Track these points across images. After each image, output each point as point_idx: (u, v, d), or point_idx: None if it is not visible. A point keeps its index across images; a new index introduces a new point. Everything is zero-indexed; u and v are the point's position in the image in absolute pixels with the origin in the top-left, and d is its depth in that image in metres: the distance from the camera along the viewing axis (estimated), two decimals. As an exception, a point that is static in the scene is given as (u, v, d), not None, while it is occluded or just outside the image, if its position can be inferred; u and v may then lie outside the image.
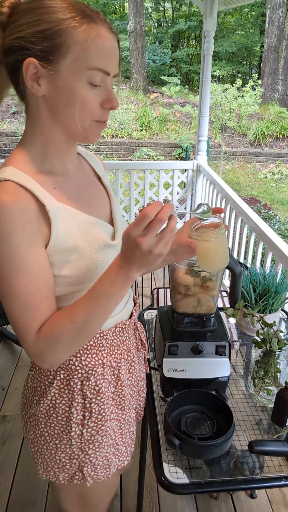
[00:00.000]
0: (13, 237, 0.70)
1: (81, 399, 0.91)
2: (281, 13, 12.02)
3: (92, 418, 0.92)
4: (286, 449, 0.93)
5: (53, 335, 0.75)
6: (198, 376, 1.09)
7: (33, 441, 0.97)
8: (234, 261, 1.06)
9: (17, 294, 0.73)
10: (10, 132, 9.21)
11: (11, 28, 0.73)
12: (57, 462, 0.95)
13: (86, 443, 0.93)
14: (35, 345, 0.76)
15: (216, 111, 8.89)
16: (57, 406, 0.91)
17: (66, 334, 0.75)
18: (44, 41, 0.71)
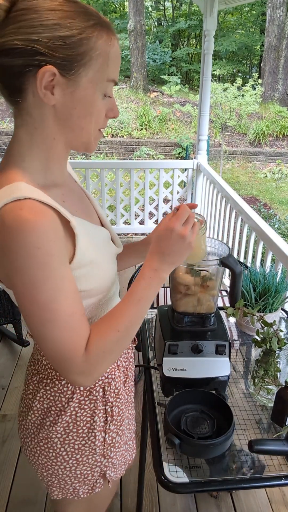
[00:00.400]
0: (52, 259, 0.66)
1: (103, 406, 0.90)
2: (282, 12, 12.00)
3: (114, 421, 0.93)
4: (286, 449, 0.93)
5: (101, 348, 0.72)
6: (198, 375, 1.09)
7: (45, 465, 0.92)
8: (234, 260, 1.06)
9: (59, 318, 0.68)
10: (10, 132, 9.20)
11: (16, 26, 0.64)
12: (78, 477, 0.93)
13: (108, 447, 0.93)
14: (84, 364, 0.71)
15: (216, 110, 8.88)
16: (78, 420, 0.88)
17: (116, 344, 0.74)
18: (66, 49, 0.66)
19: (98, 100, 0.72)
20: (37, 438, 0.90)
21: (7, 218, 0.63)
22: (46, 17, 0.64)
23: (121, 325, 0.74)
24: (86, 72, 0.69)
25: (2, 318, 2.54)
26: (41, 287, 0.65)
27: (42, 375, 0.89)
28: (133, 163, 4.63)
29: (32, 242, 0.63)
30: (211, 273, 1.10)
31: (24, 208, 0.64)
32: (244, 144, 10.23)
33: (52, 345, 0.69)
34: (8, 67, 0.67)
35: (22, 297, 0.67)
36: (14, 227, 0.62)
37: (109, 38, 0.70)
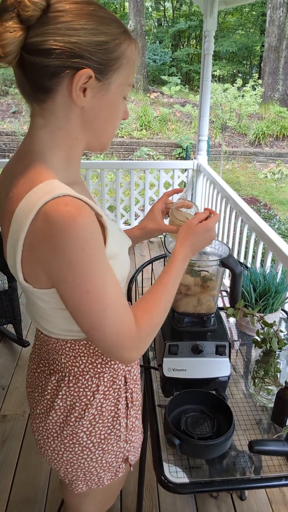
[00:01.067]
0: (98, 250, 0.69)
1: (124, 393, 0.93)
2: (282, 12, 12.01)
3: (133, 407, 0.96)
4: (286, 449, 0.94)
5: (150, 323, 0.80)
6: (198, 375, 1.09)
7: (70, 461, 0.92)
8: (234, 260, 1.06)
9: (112, 303, 0.72)
10: (10, 132, 9.21)
11: (56, 27, 0.65)
12: (103, 465, 0.94)
13: (130, 432, 0.96)
14: (136, 340, 0.77)
15: (216, 111, 8.89)
16: (103, 411, 0.90)
17: (158, 318, 0.82)
18: (102, 54, 0.69)
19: (122, 104, 0.78)
20: (60, 436, 0.90)
21: (54, 215, 0.65)
22: (86, 21, 0.66)
23: (163, 301, 0.83)
24: (117, 77, 0.73)
25: (2, 318, 2.54)
26: (92, 278, 0.69)
27: (62, 373, 0.89)
28: (133, 164, 4.63)
29: (83, 236, 0.66)
30: (211, 274, 1.10)
31: (69, 204, 0.66)
32: (244, 145, 10.23)
33: (107, 330, 0.73)
34: (43, 67, 0.67)
35: (73, 290, 0.69)
36: (63, 223, 0.64)
37: (134, 45, 0.75)
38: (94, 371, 0.88)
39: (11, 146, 9.21)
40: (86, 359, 0.87)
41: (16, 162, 0.77)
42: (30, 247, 0.68)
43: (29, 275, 0.73)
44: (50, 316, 0.81)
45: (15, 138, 9.16)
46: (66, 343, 0.86)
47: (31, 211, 0.66)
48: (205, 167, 3.89)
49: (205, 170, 3.86)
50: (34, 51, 0.65)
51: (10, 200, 0.71)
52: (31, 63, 0.67)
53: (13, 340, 2.73)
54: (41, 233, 0.66)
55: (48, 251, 0.67)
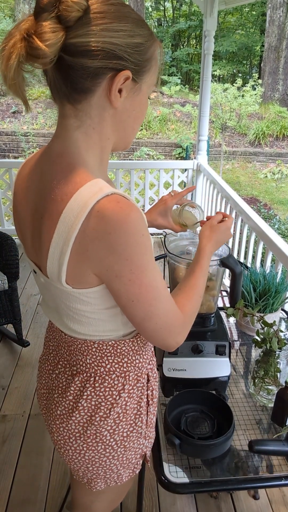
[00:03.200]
0: (150, 243, 0.73)
1: (146, 391, 0.94)
2: (282, 12, 12.01)
3: (153, 403, 0.97)
4: (286, 449, 0.94)
5: (191, 309, 0.86)
6: (198, 375, 1.09)
7: (92, 459, 0.92)
8: (234, 260, 1.06)
9: (161, 293, 0.77)
10: (10, 132, 9.21)
11: (98, 28, 0.64)
12: (123, 463, 0.94)
13: (149, 428, 0.96)
14: (183, 325, 0.83)
15: (216, 111, 8.89)
16: (127, 409, 0.91)
17: (197, 305, 0.88)
18: (139, 55, 0.71)
19: (147, 103, 0.80)
20: (83, 436, 0.90)
21: (108, 212, 0.66)
22: (125, 23, 0.67)
23: (199, 290, 0.90)
24: (148, 78, 0.75)
25: (2, 318, 2.54)
26: (146, 270, 0.73)
27: (87, 374, 0.89)
28: (133, 164, 4.63)
29: (137, 231, 0.69)
30: (211, 274, 1.10)
31: (121, 201, 0.68)
32: (244, 145, 10.23)
33: (160, 319, 0.78)
34: (83, 68, 0.66)
35: (129, 284, 0.72)
36: (118, 219, 0.67)
37: (159, 46, 0.76)
38: (120, 370, 0.89)
39: (11, 146, 9.21)
40: (112, 359, 0.88)
41: (49, 164, 0.75)
42: (81, 246, 0.69)
43: (73, 276, 0.73)
44: (83, 317, 0.81)
45: (15, 138, 9.16)
46: (94, 343, 0.86)
47: (83, 210, 0.66)
48: (205, 167, 3.89)
49: (205, 170, 3.86)
50: (75, 52, 0.64)
51: (54, 201, 0.70)
52: (70, 64, 0.66)
53: (13, 340, 2.73)
54: (95, 231, 0.67)
55: (103, 248, 0.68)
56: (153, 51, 0.74)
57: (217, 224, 1.01)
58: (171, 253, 1.12)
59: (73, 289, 0.75)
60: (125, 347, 0.88)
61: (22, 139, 9.07)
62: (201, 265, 0.94)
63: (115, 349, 0.87)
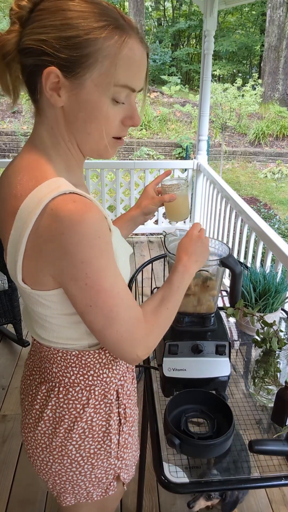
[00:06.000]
0: (108, 246, 0.69)
1: (117, 408, 0.91)
2: (282, 12, 12.01)
3: (127, 423, 0.93)
4: (286, 449, 0.93)
5: (156, 322, 0.81)
6: (198, 375, 1.09)
7: (59, 472, 0.90)
8: (234, 260, 1.06)
9: (122, 300, 0.72)
10: (10, 132, 9.21)
11: (32, 26, 0.65)
12: (92, 480, 0.92)
13: (122, 449, 0.93)
14: (146, 337, 0.78)
15: (216, 111, 8.89)
16: (93, 425, 0.87)
17: (164, 319, 0.83)
18: (70, 50, 0.64)
19: (106, 106, 0.69)
20: (49, 448, 0.88)
21: (62, 211, 0.63)
22: (56, 18, 0.64)
23: (169, 304, 0.83)
24: (90, 75, 0.66)
25: (2, 318, 2.54)
26: (105, 275, 0.68)
27: (53, 383, 0.87)
28: (133, 163, 4.63)
29: (93, 232, 0.65)
30: (211, 273, 1.10)
31: (77, 201, 0.65)
32: (244, 144, 10.23)
33: (120, 328, 0.73)
34: (24, 66, 0.69)
35: (85, 289, 0.68)
36: (72, 220, 0.63)
37: (121, 39, 0.66)
38: (85, 383, 0.85)
39: (11, 146, 9.21)
40: (77, 370, 0.84)
41: (20, 158, 0.75)
42: (35, 245, 0.67)
43: (30, 276, 0.71)
44: (46, 322, 0.79)
45: (15, 138, 9.16)
46: (58, 352, 0.83)
47: (36, 208, 0.64)
48: (205, 167, 3.89)
49: (205, 170, 3.86)
50: (19, 51, 0.68)
51: (14, 197, 0.69)
52: (19, 63, 0.69)
53: (13, 340, 2.73)
54: (48, 230, 0.64)
55: (57, 249, 0.65)
56: (99, 44, 0.65)
57: (199, 236, 0.93)
58: (171, 253, 1.12)
59: (31, 290, 0.73)
60: (90, 358, 0.84)
61: (22, 139, 9.07)
62: (172, 280, 0.87)
63: (79, 360, 0.84)
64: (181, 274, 0.88)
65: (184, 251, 0.91)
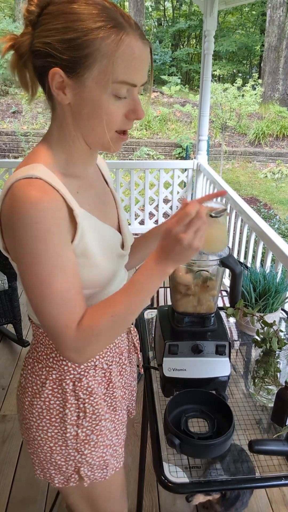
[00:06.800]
0: (51, 235, 0.70)
1: (74, 400, 0.91)
2: (282, 12, 12.01)
3: (87, 417, 0.92)
4: (286, 449, 0.93)
5: (94, 329, 0.75)
6: (198, 375, 1.09)
7: (28, 442, 0.97)
8: (234, 260, 1.06)
9: (55, 292, 0.72)
10: (10, 132, 9.20)
11: (40, 29, 0.71)
12: (53, 464, 0.95)
13: (82, 443, 0.93)
14: (76, 340, 0.75)
15: (216, 111, 8.88)
16: (50, 408, 0.90)
17: (108, 328, 0.76)
18: (71, 51, 0.69)
19: (107, 102, 0.72)
20: (22, 415, 0.96)
21: (17, 192, 0.69)
22: (59, 21, 0.69)
23: (116, 311, 0.76)
24: (90, 74, 0.70)
25: (2, 318, 2.54)
26: (39, 260, 0.70)
27: (29, 353, 0.96)
28: (133, 163, 4.63)
29: (32, 216, 0.68)
30: (211, 273, 1.10)
31: (33, 185, 0.70)
32: (244, 144, 10.23)
33: (47, 319, 0.74)
34: (35, 67, 0.74)
35: (23, 267, 0.73)
36: (20, 200, 0.69)
37: (117, 37, 0.68)
38: (46, 363, 0.90)
39: (11, 146, 9.20)
40: (43, 348, 0.90)
41: (32, 149, 0.82)
42: (3, 219, 0.74)
43: (8, 246, 0.77)
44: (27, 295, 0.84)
45: (15, 138, 9.15)
46: (34, 327, 0.91)
47: (6, 186, 0.72)
48: (205, 167, 3.89)
49: (205, 170, 3.86)
50: (31, 53, 0.73)
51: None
52: (32, 64, 0.75)
53: (13, 340, 2.73)
54: (7, 208, 0.71)
55: (10, 227, 0.72)
56: (97, 44, 0.68)
57: (176, 232, 0.72)
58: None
59: (12, 261, 0.80)
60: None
61: (22, 139, 9.06)
62: (136, 280, 0.77)
63: (46, 339, 0.89)
64: (150, 272, 0.76)
65: (162, 246, 0.75)
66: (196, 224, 0.72)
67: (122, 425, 1.04)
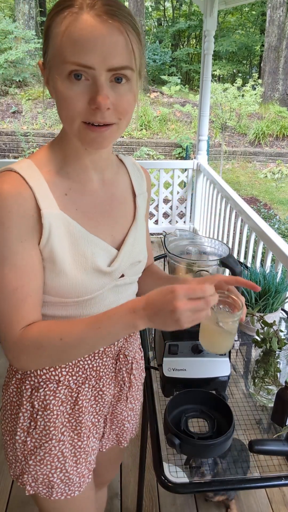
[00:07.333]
0: (4, 228, 0.69)
1: (30, 407, 0.87)
2: (282, 12, 12.01)
3: (37, 429, 0.87)
4: (286, 449, 0.93)
5: (38, 343, 0.71)
6: (198, 375, 1.09)
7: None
8: (234, 260, 1.06)
9: (2, 285, 0.70)
10: (10, 132, 9.20)
11: None
12: (9, 455, 0.94)
13: (29, 452, 0.88)
14: (16, 344, 0.72)
15: (216, 111, 8.88)
16: (12, 403, 0.90)
17: (52, 348, 0.71)
18: (44, 40, 0.70)
19: (63, 86, 0.67)
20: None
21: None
22: (49, 14, 0.70)
23: (69, 337, 0.70)
24: (50, 59, 0.69)
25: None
26: None
27: None
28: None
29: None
30: (211, 273, 1.10)
31: (5, 178, 0.70)
32: (244, 144, 10.23)
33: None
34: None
35: None
36: None
37: (63, 16, 0.65)
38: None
39: (11, 146, 9.20)
40: None
41: None
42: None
43: None
44: None
45: (15, 138, 9.15)
46: None
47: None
48: (205, 167, 3.89)
49: (205, 170, 3.86)
50: None
51: None
52: None
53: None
54: None
55: None
56: (52, 28, 0.67)
57: (177, 297, 0.63)
58: (171, 253, 1.12)
59: None
60: None
61: (22, 139, 9.06)
62: (101, 318, 0.69)
63: None
64: (118, 317, 0.68)
65: (152, 299, 0.66)
66: (200, 307, 0.64)
67: (85, 454, 0.94)
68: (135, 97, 0.73)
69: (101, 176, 0.83)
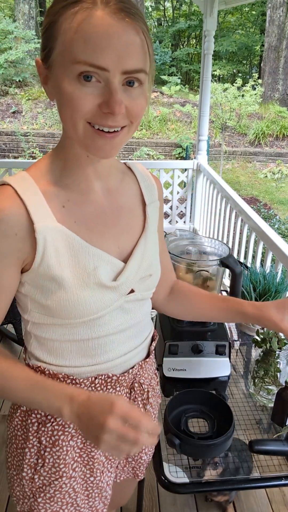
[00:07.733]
0: None
1: (37, 442, 0.80)
2: (282, 12, 12.01)
3: (45, 467, 0.80)
4: (286, 449, 0.94)
5: None
6: (198, 375, 1.09)
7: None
8: (234, 260, 1.06)
9: None
10: (10, 132, 9.20)
11: None
12: (15, 490, 0.88)
13: (37, 489, 0.82)
14: None
15: (216, 111, 8.88)
16: (17, 437, 0.83)
17: None
18: (44, 38, 0.64)
19: (70, 86, 0.61)
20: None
21: None
22: (47, 10, 0.66)
23: (3, 381, 0.71)
24: (55, 57, 0.63)
25: (2, 318, 2.54)
26: None
27: None
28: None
29: None
30: (211, 273, 1.10)
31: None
32: (244, 144, 10.23)
33: None
34: None
35: None
36: None
37: (74, 11, 0.59)
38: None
39: (11, 146, 9.20)
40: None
41: None
42: None
43: None
44: None
45: (15, 138, 9.15)
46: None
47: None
48: (205, 167, 3.89)
49: (205, 170, 3.86)
50: None
51: None
52: None
53: (13, 340, 2.72)
54: None
55: None
56: (59, 25, 0.61)
57: (113, 412, 0.61)
58: (171, 253, 1.12)
59: None
60: None
61: (22, 139, 9.06)
62: (39, 380, 0.71)
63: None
64: (50, 395, 0.68)
65: (90, 400, 0.64)
66: (129, 437, 0.60)
67: (99, 489, 0.87)
68: (147, 101, 0.68)
69: (104, 184, 0.77)
